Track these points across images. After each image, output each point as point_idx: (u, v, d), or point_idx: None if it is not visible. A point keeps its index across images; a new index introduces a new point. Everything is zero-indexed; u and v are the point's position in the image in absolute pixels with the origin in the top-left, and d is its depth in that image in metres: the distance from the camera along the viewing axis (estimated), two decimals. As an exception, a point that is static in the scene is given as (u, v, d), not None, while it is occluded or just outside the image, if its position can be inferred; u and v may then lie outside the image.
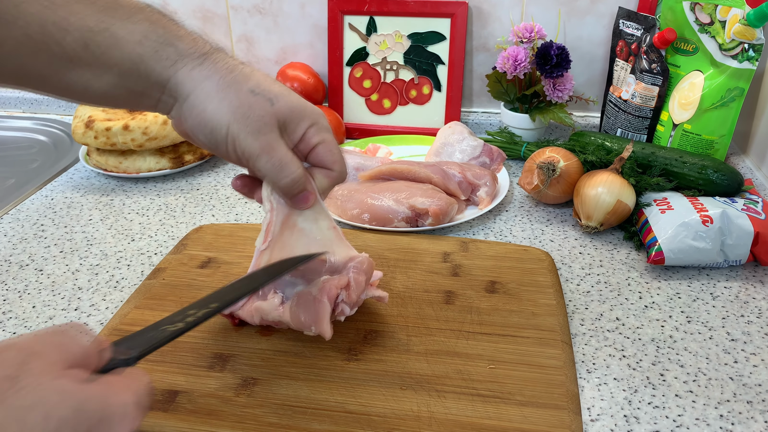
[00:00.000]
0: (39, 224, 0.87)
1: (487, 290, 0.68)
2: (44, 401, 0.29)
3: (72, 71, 0.45)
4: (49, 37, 0.43)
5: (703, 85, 0.89)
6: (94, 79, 0.46)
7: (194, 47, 0.48)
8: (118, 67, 0.46)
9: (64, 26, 0.44)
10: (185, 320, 0.43)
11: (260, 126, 0.48)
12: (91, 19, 0.45)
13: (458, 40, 1.07)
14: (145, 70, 0.47)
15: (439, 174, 0.86)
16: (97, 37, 0.45)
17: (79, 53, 0.44)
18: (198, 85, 0.47)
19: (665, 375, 0.59)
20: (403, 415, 0.52)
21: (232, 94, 0.47)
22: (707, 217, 0.73)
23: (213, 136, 0.48)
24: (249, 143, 0.48)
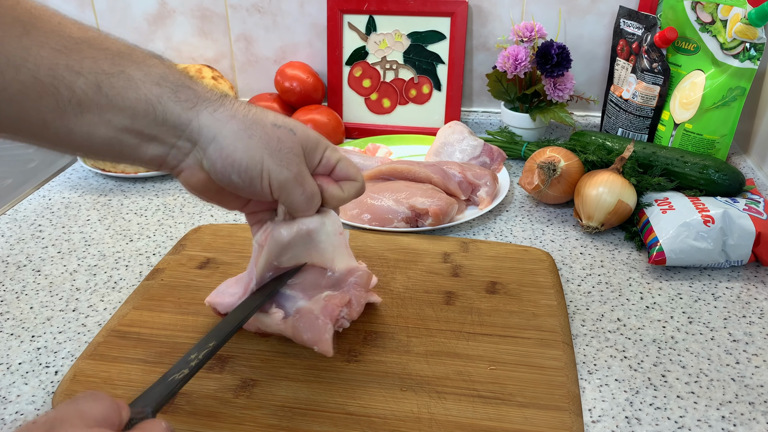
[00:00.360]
0: (36, 224, 0.86)
1: (488, 291, 0.68)
2: None
3: (78, 116, 0.44)
4: (59, 80, 0.42)
5: (705, 84, 0.89)
6: (101, 124, 0.44)
7: (209, 91, 0.48)
8: (132, 109, 0.45)
9: (77, 69, 0.43)
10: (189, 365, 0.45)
11: (291, 157, 0.49)
12: (106, 63, 0.44)
13: (458, 39, 1.07)
14: (163, 111, 0.46)
15: (439, 174, 0.86)
16: (112, 79, 0.44)
17: (91, 96, 0.43)
18: (224, 126, 0.47)
19: (667, 376, 0.59)
20: (404, 417, 0.52)
21: (260, 130, 0.48)
22: (709, 217, 0.73)
23: (248, 174, 0.48)
24: (285, 175, 0.49)
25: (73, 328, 0.66)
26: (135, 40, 1.20)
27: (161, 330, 0.63)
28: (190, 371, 0.45)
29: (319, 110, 1.08)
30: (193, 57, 1.20)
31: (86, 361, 0.59)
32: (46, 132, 0.44)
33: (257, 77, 1.20)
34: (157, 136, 0.47)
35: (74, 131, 0.44)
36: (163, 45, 1.19)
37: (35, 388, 0.58)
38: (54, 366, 0.61)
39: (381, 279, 0.70)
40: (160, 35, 1.18)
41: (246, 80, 1.21)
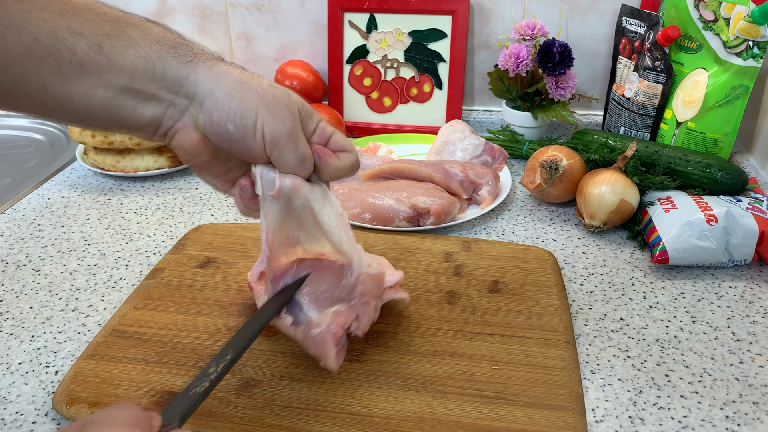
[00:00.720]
0: (36, 224, 0.86)
1: (490, 290, 0.68)
2: None
3: (78, 78, 0.44)
4: (60, 42, 0.43)
5: (707, 82, 0.89)
6: (101, 85, 0.45)
7: (207, 50, 0.50)
8: (133, 67, 0.46)
9: (78, 31, 0.43)
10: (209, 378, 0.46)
11: (286, 113, 0.49)
12: (106, 25, 0.45)
13: (459, 37, 1.07)
14: (162, 67, 0.47)
15: (441, 173, 0.86)
16: (113, 40, 0.45)
17: (92, 57, 0.44)
18: (221, 79, 0.48)
19: (670, 376, 0.59)
20: (406, 417, 0.52)
21: (256, 84, 0.49)
22: (712, 216, 0.73)
23: (243, 122, 0.48)
24: (279, 128, 0.49)
25: (73, 327, 0.66)
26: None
27: (162, 330, 0.63)
28: (210, 384, 0.46)
29: (320, 109, 1.07)
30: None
31: (86, 361, 0.59)
32: (44, 97, 0.44)
33: (257, 76, 1.20)
34: (156, 94, 0.47)
35: (73, 94, 0.44)
36: (162, 43, 1.19)
37: (35, 388, 0.58)
38: (54, 366, 0.61)
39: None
40: (160, 34, 1.18)
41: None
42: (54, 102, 0.45)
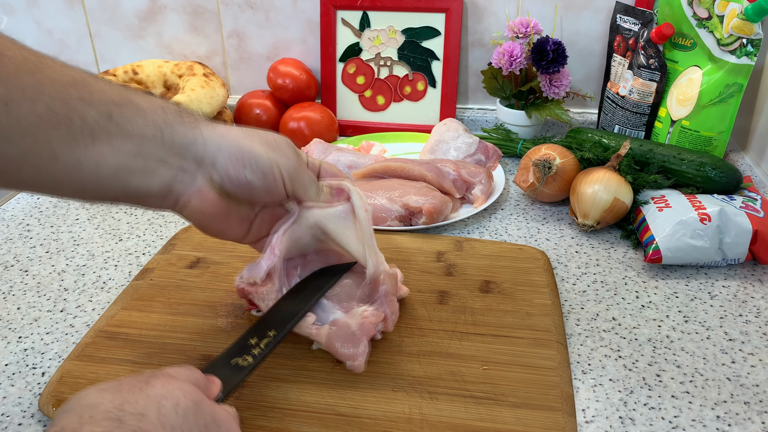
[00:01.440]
0: (24, 224, 0.86)
1: (482, 290, 0.68)
2: (172, 393, 0.37)
3: (88, 146, 0.45)
4: (73, 111, 0.44)
5: (702, 80, 0.89)
6: (111, 152, 0.46)
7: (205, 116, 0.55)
8: (141, 135, 0.47)
9: (89, 100, 0.45)
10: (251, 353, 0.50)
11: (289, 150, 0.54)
12: (114, 94, 0.47)
13: (453, 35, 1.07)
14: (170, 133, 0.49)
15: (434, 172, 0.86)
16: (122, 108, 0.47)
17: (102, 125, 0.46)
18: (226, 136, 0.51)
19: (661, 376, 0.59)
20: (395, 418, 0.52)
21: (256, 134, 0.53)
22: (705, 215, 0.73)
23: (260, 168, 0.51)
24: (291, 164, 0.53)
25: (61, 328, 0.66)
26: (126, 37, 1.20)
27: (150, 330, 0.63)
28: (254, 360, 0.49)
29: (313, 107, 1.07)
30: (184, 54, 1.20)
31: (74, 362, 0.59)
32: (53, 166, 0.45)
33: (249, 74, 1.20)
34: (165, 160, 0.49)
35: (82, 162, 0.45)
36: (154, 42, 1.19)
37: (22, 389, 0.58)
38: (41, 367, 0.61)
39: (373, 278, 0.70)
40: (151, 32, 1.18)
41: (238, 77, 1.21)
42: (62, 172, 0.45)
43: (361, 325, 0.56)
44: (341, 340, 0.56)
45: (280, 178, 0.52)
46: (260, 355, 0.49)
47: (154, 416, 0.35)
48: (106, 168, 0.46)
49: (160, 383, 0.38)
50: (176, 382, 0.39)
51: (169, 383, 0.38)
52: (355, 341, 0.56)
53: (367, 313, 0.58)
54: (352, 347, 0.56)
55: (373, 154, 0.99)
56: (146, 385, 0.37)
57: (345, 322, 0.56)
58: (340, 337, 0.56)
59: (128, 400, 0.35)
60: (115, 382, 0.37)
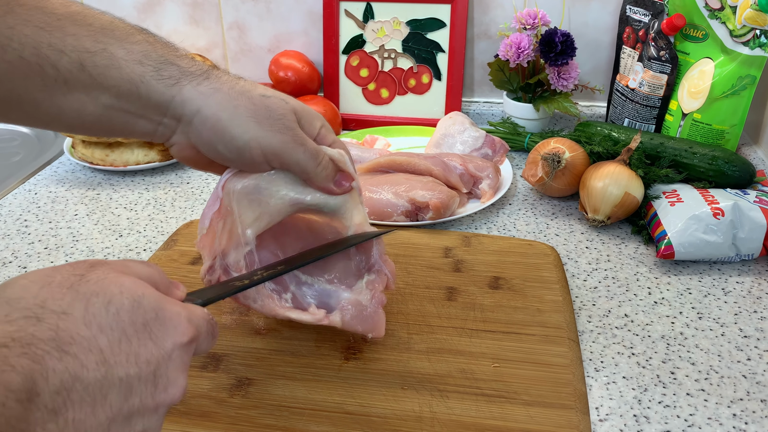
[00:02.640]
0: (22, 220, 0.86)
1: (491, 286, 0.68)
2: (106, 290, 0.34)
3: (66, 94, 0.45)
4: (44, 59, 0.44)
5: (714, 72, 0.88)
6: (89, 101, 0.46)
7: (195, 65, 0.49)
8: (117, 88, 0.46)
9: (60, 47, 0.44)
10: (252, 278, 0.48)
11: (284, 122, 0.49)
12: (88, 41, 0.45)
13: (459, 26, 1.07)
14: (146, 90, 0.47)
15: (440, 166, 0.86)
16: (95, 58, 0.45)
17: (76, 74, 0.45)
18: (208, 99, 0.48)
19: (676, 373, 0.59)
20: (404, 416, 0.52)
21: (246, 100, 0.49)
22: (718, 209, 0.73)
23: (234, 144, 0.49)
24: (277, 140, 0.49)
25: (61, 326, 0.66)
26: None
27: (153, 328, 0.62)
28: (250, 282, 0.47)
29: (315, 101, 1.07)
30: (183, 46, 1.19)
31: (75, 360, 0.58)
32: (38, 111, 0.46)
33: (251, 67, 1.20)
34: (144, 114, 0.48)
35: (64, 109, 0.46)
36: (152, 34, 1.19)
37: (22, 388, 0.58)
38: (42, 365, 0.61)
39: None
40: (150, 24, 1.18)
41: (239, 70, 1.20)
42: (47, 116, 0.47)
43: (372, 298, 0.57)
44: (358, 319, 0.56)
45: (260, 157, 0.49)
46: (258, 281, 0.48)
47: (79, 314, 0.32)
48: (87, 115, 0.47)
49: (97, 277, 0.34)
50: (115, 276, 0.35)
51: (107, 278, 0.35)
52: (375, 316, 0.57)
53: (372, 281, 0.58)
54: (370, 321, 0.56)
55: (378, 149, 0.99)
56: (80, 279, 0.34)
57: (356, 300, 0.57)
58: (357, 316, 0.56)
59: (54, 296, 0.32)
60: (48, 272, 0.34)
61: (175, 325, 0.36)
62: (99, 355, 0.32)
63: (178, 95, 0.48)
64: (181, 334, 0.36)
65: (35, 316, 0.31)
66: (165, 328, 0.35)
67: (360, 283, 0.58)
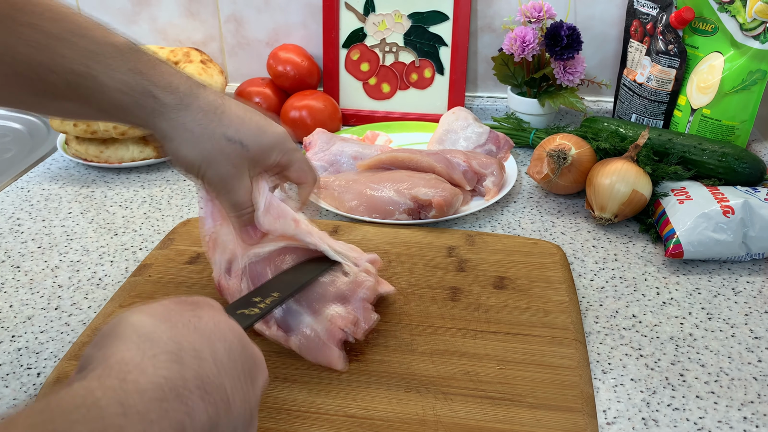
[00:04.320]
0: (15, 218, 0.86)
1: (495, 286, 0.68)
2: (222, 332, 0.37)
3: (55, 103, 0.52)
4: (35, 75, 0.49)
5: (723, 67, 0.88)
6: (83, 109, 0.53)
7: (171, 96, 0.54)
8: (104, 110, 0.53)
9: (50, 67, 0.49)
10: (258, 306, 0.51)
11: (229, 170, 0.56)
12: (75, 63, 0.50)
13: (462, 19, 1.07)
14: (127, 116, 0.54)
15: (443, 163, 0.86)
16: (82, 81, 0.50)
17: (65, 92, 0.50)
18: (175, 133, 0.54)
19: (685, 375, 0.59)
20: (408, 419, 0.52)
21: (207, 142, 0.55)
22: (728, 207, 0.73)
23: (189, 175, 0.57)
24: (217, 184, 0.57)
25: (56, 327, 0.66)
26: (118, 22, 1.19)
27: (150, 329, 0.63)
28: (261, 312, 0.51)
29: (315, 96, 1.07)
30: (179, 39, 1.19)
31: (70, 363, 0.59)
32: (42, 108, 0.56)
33: (248, 61, 1.20)
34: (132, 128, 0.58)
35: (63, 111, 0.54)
36: (147, 27, 1.19)
37: (16, 390, 0.58)
38: (36, 367, 0.61)
39: (382, 275, 0.70)
40: (145, 16, 1.18)
41: (236, 64, 1.20)
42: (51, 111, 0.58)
43: (328, 331, 0.56)
44: (312, 351, 0.57)
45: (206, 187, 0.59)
46: (265, 309, 0.51)
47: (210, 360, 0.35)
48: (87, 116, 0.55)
49: (208, 316, 0.37)
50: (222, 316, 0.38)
51: (216, 317, 0.38)
52: (326, 350, 0.56)
53: (336, 314, 0.57)
54: (324, 357, 0.56)
55: (379, 145, 0.99)
56: (195, 317, 0.37)
57: (312, 330, 0.57)
58: (311, 348, 0.57)
59: (184, 336, 0.35)
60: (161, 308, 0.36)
61: (262, 367, 0.41)
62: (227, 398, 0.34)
63: (152, 123, 0.54)
64: (265, 374, 0.41)
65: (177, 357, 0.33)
66: (257, 370, 0.39)
67: (326, 313, 0.57)
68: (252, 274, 0.60)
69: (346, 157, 0.92)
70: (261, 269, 0.60)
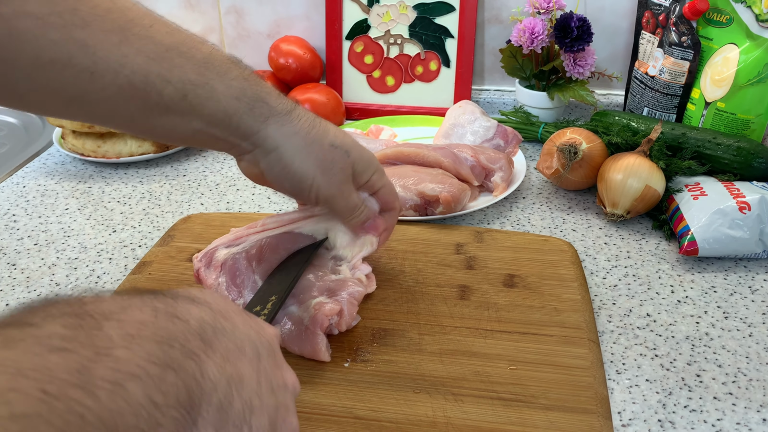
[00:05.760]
0: (10, 214, 0.86)
1: (505, 284, 0.68)
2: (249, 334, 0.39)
3: (162, 116, 0.52)
4: (151, 86, 0.50)
5: (738, 59, 0.88)
6: (182, 124, 0.53)
7: (281, 104, 0.57)
8: (211, 116, 0.53)
9: (167, 77, 0.50)
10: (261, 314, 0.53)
11: (341, 176, 0.59)
12: (192, 73, 0.51)
13: (469, 10, 1.07)
14: (237, 122, 0.54)
15: (450, 157, 0.86)
16: (197, 90, 0.52)
17: (177, 102, 0.51)
18: (286, 141, 0.56)
19: (702, 376, 0.58)
20: (417, 421, 0.52)
21: (317, 149, 0.57)
22: (744, 203, 0.72)
23: (299, 186, 0.58)
24: (331, 191, 0.58)
25: (54, 326, 0.66)
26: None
27: (150, 328, 0.62)
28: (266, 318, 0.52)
29: (317, 89, 1.07)
30: (178, 31, 1.19)
31: (69, 362, 0.58)
32: (131, 125, 0.54)
33: (249, 53, 1.19)
34: (227, 139, 0.56)
35: (156, 127, 0.53)
36: (145, 18, 1.18)
37: (14, 391, 0.58)
38: (34, 367, 0.60)
39: (389, 272, 0.69)
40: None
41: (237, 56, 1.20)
42: (138, 129, 0.56)
43: (313, 318, 0.57)
44: (296, 341, 0.57)
45: (314, 197, 0.58)
46: (270, 315, 0.52)
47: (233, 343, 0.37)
48: (176, 134, 0.54)
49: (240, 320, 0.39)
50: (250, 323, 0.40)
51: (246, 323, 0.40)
52: (311, 337, 0.57)
53: (322, 302, 0.59)
54: (309, 345, 0.57)
55: (383, 139, 0.98)
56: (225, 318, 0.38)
57: (298, 317, 0.58)
58: (295, 337, 0.57)
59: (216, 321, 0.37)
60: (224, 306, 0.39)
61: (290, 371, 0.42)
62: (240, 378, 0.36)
63: (263, 130, 0.55)
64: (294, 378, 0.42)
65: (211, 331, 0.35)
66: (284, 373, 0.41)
67: (310, 302, 0.59)
68: (231, 271, 0.62)
69: (351, 151, 0.91)
70: (241, 265, 0.62)
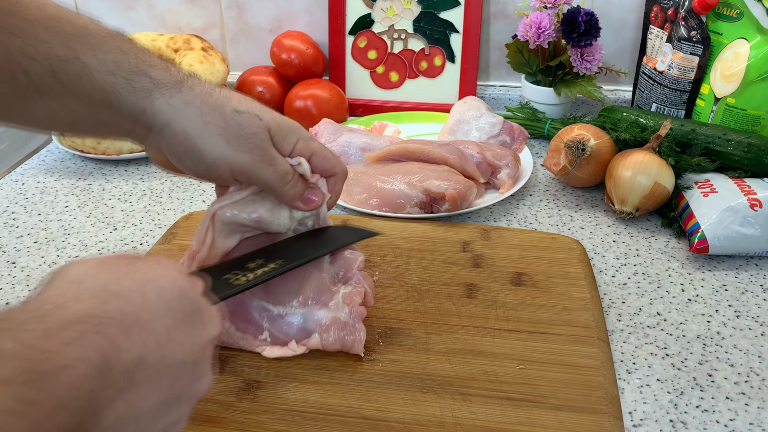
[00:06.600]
0: (9, 212, 0.86)
1: (513, 283, 0.67)
2: (158, 280, 0.37)
3: (38, 100, 0.48)
4: (15, 65, 0.45)
5: (749, 54, 0.88)
6: (61, 108, 0.49)
7: (168, 75, 0.51)
8: (88, 97, 0.49)
9: (32, 54, 0.46)
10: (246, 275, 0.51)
11: (254, 141, 0.52)
12: (60, 48, 0.47)
13: (474, 5, 1.06)
14: (117, 101, 0.49)
15: (456, 154, 0.86)
16: (66, 66, 0.47)
17: (47, 82, 0.47)
18: (177, 113, 0.50)
19: (714, 375, 0.58)
20: (425, 421, 0.52)
21: (217, 117, 0.51)
22: (755, 200, 0.72)
23: (202, 161, 0.51)
24: (246, 160, 0.52)
25: (55, 325, 0.66)
26: (115, 8, 1.18)
27: (153, 327, 0.62)
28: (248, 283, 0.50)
29: (320, 85, 1.06)
30: (178, 26, 1.19)
31: (71, 362, 0.58)
32: (12, 113, 0.49)
33: (251, 48, 1.19)
34: (115, 122, 0.51)
35: (37, 113, 0.49)
36: (145, 13, 1.18)
37: (15, 391, 0.58)
38: (35, 367, 0.60)
39: (394, 270, 0.69)
40: (143, 3, 1.17)
41: (238, 52, 1.20)
42: (21, 118, 0.50)
43: (351, 313, 0.57)
44: (338, 339, 0.57)
45: (228, 174, 0.52)
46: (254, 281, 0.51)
47: (138, 301, 0.35)
48: (60, 120, 0.50)
49: (146, 267, 0.38)
50: (162, 268, 0.39)
51: (155, 268, 0.38)
52: (355, 333, 0.57)
53: (348, 294, 0.58)
54: (351, 338, 0.57)
55: (387, 135, 0.98)
56: (131, 267, 0.37)
57: (334, 318, 0.57)
58: (335, 335, 0.57)
59: (113, 280, 0.36)
60: (99, 261, 0.37)
61: (211, 320, 0.40)
62: (156, 339, 0.35)
63: (149, 107, 0.50)
64: (214, 329, 0.40)
65: (100, 297, 0.34)
66: (203, 321, 0.39)
67: (336, 298, 0.58)
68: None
69: (354, 148, 0.91)
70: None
